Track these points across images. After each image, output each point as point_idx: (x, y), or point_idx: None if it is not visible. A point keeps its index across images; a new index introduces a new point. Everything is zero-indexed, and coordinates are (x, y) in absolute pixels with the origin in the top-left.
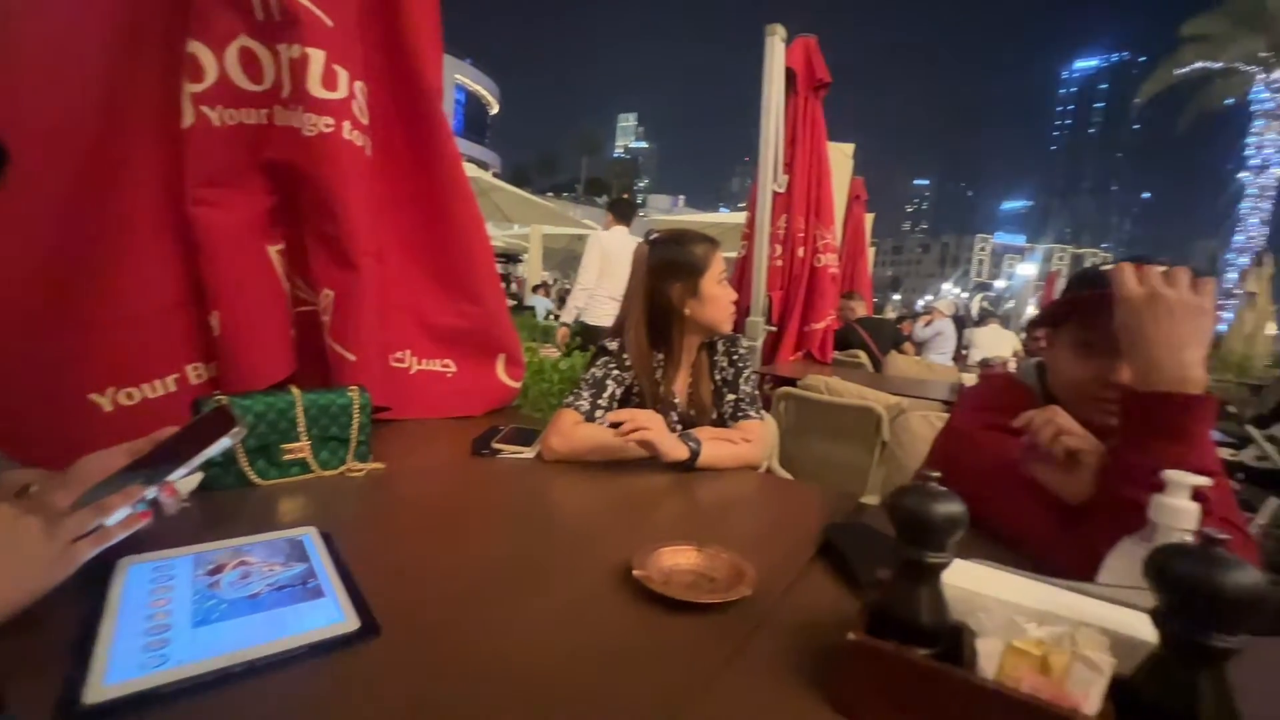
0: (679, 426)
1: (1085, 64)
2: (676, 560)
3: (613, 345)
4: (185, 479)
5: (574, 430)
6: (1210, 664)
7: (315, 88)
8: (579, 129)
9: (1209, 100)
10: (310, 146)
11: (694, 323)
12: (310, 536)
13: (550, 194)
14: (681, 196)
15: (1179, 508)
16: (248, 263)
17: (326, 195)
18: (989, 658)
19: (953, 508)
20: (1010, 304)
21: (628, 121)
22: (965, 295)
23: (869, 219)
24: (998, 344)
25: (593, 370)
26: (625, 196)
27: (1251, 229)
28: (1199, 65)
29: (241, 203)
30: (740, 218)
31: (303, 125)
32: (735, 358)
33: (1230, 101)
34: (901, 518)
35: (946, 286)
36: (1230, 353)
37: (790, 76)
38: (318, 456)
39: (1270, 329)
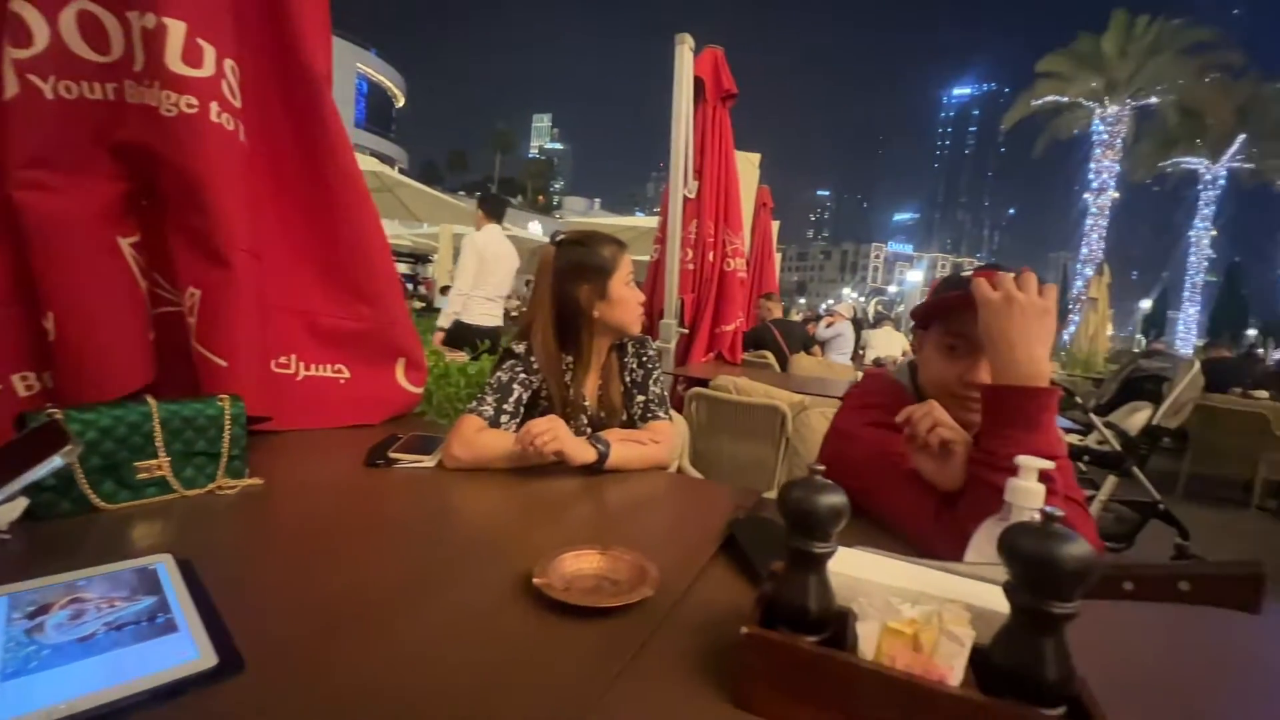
0: (589, 429)
1: (961, 92)
2: (580, 565)
3: (519, 348)
4: (3, 506)
5: (477, 437)
6: (1052, 629)
7: (175, 63)
8: (492, 127)
9: (1059, 129)
10: (170, 128)
11: (603, 324)
12: (165, 565)
13: (462, 193)
14: (597, 199)
15: (1028, 489)
16: (92, 257)
17: (191, 183)
18: (868, 639)
19: (835, 499)
20: (901, 307)
21: (543, 122)
22: (863, 299)
23: (775, 226)
24: (890, 344)
25: (498, 374)
26: (498, 195)
27: (1093, 243)
28: (1050, 99)
29: (82, 188)
30: (654, 222)
31: (160, 104)
32: (645, 359)
33: (1076, 131)
34: (789, 510)
35: (846, 291)
36: (1078, 350)
37: (699, 85)
38: (180, 474)
39: (1109, 330)
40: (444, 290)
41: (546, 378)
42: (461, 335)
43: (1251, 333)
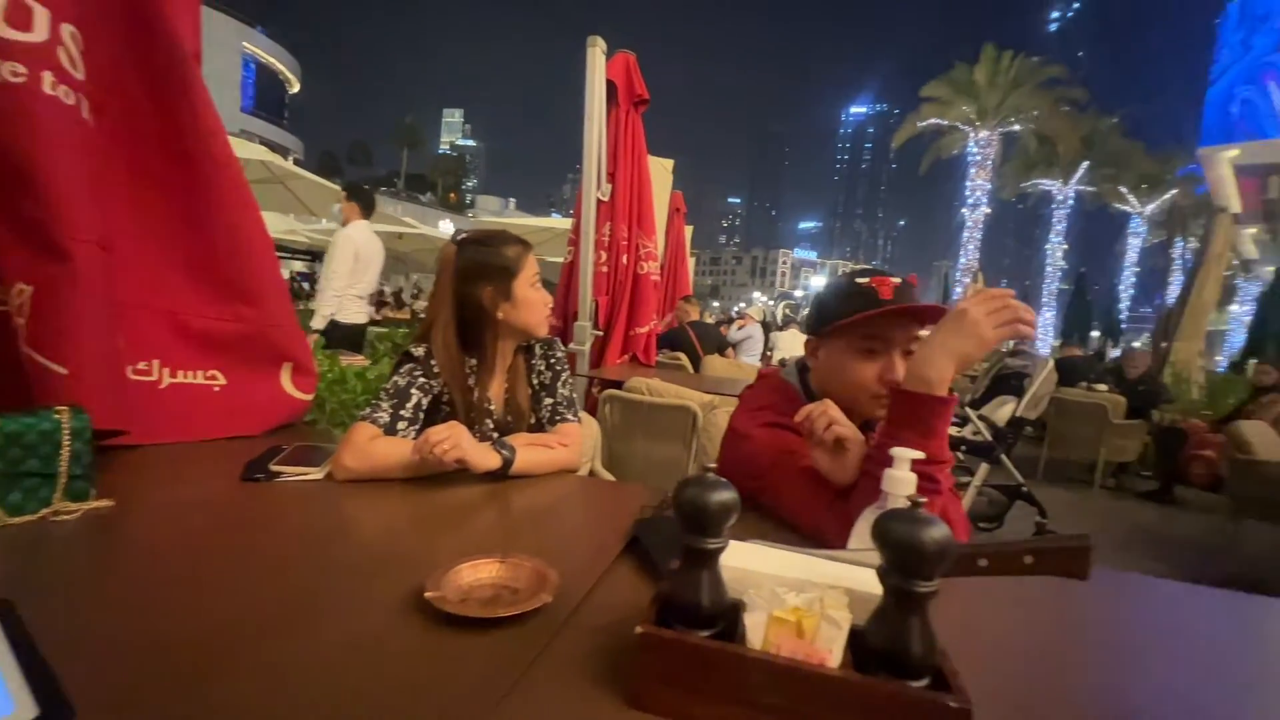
0: (494, 434)
1: (858, 110)
2: (477, 575)
3: (418, 351)
4: None
5: (371, 445)
6: (917, 607)
7: None
8: (399, 120)
9: (942, 149)
10: None
11: (508, 326)
12: None
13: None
14: (512, 199)
15: (902, 478)
16: None
17: (20, 163)
18: (755, 629)
19: (726, 495)
20: (807, 310)
21: (454, 117)
22: (772, 303)
23: (689, 231)
24: (795, 345)
25: (395, 379)
26: (365, 187)
27: (970, 253)
28: (933, 121)
29: None
30: (569, 223)
31: None
32: (553, 361)
33: (956, 152)
34: (681, 508)
35: (757, 295)
36: None
37: (612, 89)
38: (5, 499)
39: None
40: None
41: (448, 382)
42: (339, 336)
43: (1096, 334)
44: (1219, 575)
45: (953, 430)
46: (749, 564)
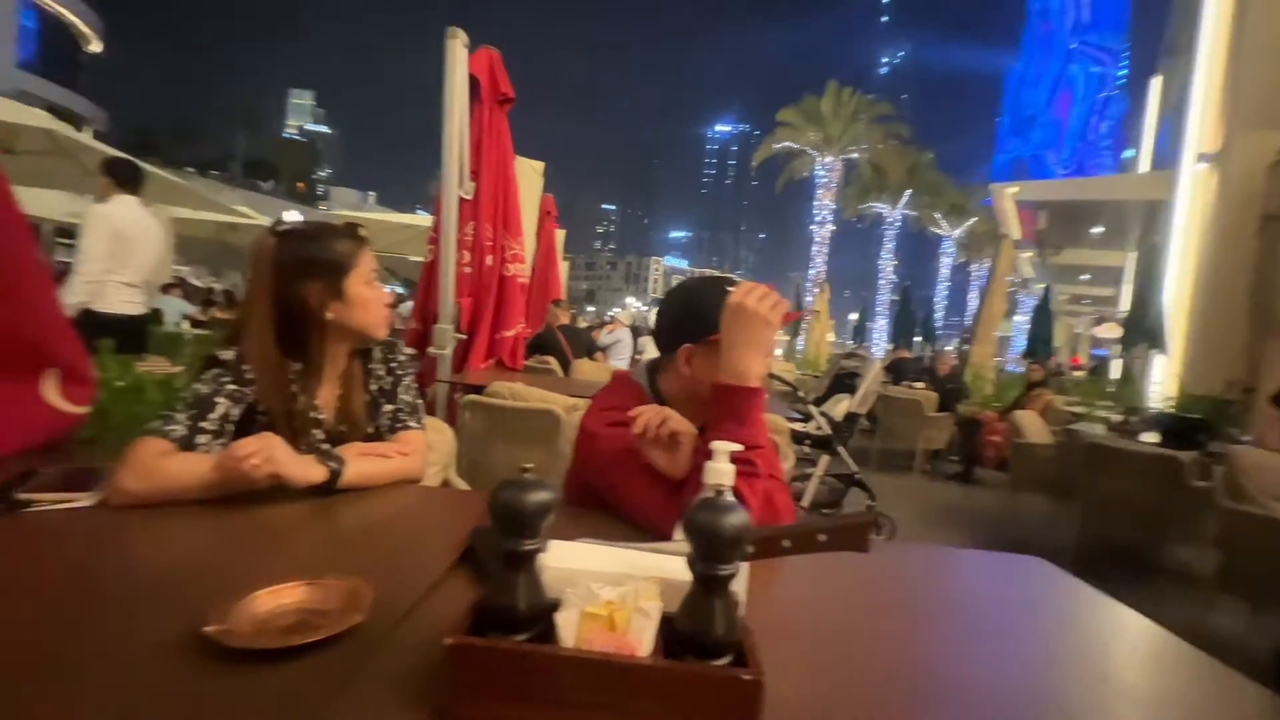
0: (326, 444)
1: (723, 129)
2: (279, 602)
3: (227, 355)
4: None
5: (159, 463)
6: (719, 589)
7: None
8: (237, 97)
9: (795, 170)
10: None
11: (339, 328)
12: None
13: (193, 170)
14: (372, 193)
15: (720, 469)
16: None
17: None
18: (567, 627)
19: (541, 496)
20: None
21: (303, 99)
22: (645, 308)
23: (561, 234)
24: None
25: (196, 386)
26: (129, 158)
27: (818, 266)
28: (787, 144)
29: None
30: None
31: None
32: (395, 365)
33: (807, 173)
34: (496, 511)
35: (631, 300)
36: (808, 353)
37: (475, 85)
38: None
39: (831, 337)
40: (166, 288)
41: (263, 390)
42: (93, 327)
43: (919, 339)
44: (1004, 540)
45: (798, 426)
46: (572, 563)
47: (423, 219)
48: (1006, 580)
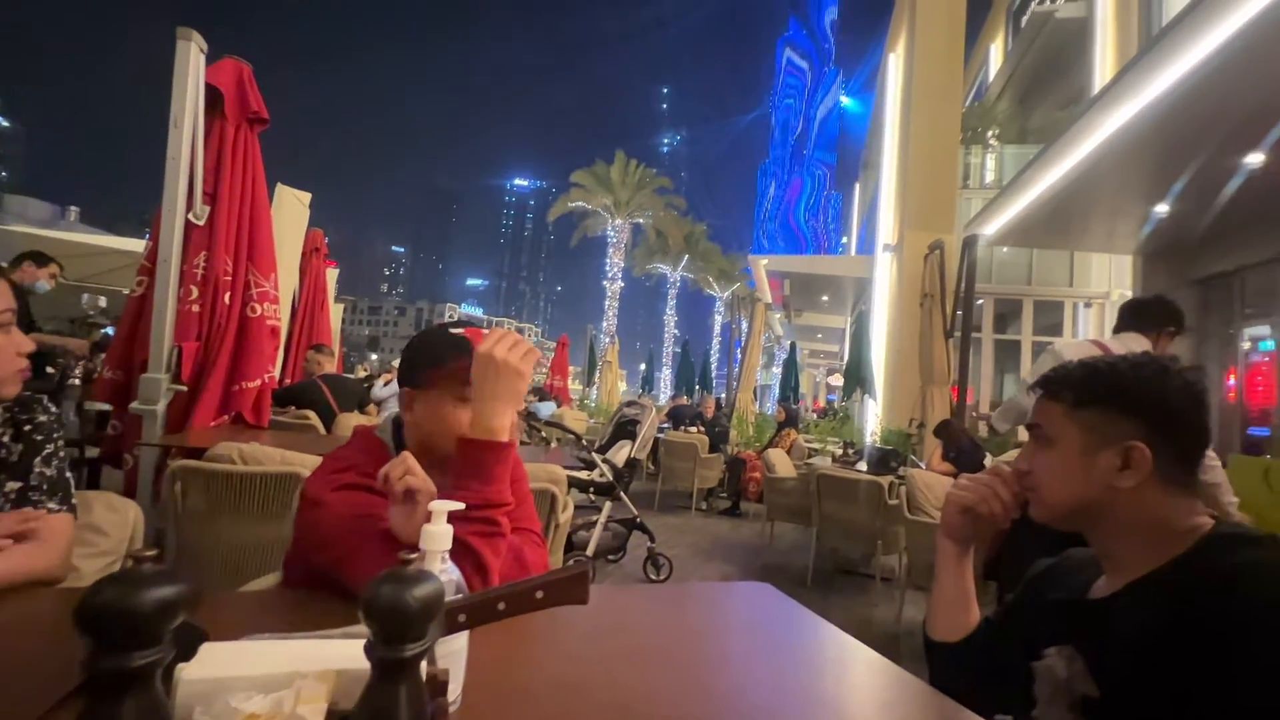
0: None
1: (521, 184)
2: None
3: None
4: None
5: None
6: (404, 674)
7: None
8: None
9: (588, 228)
10: None
11: None
12: None
13: None
14: (75, 208)
15: (438, 532)
16: None
17: None
18: None
19: (164, 593)
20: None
21: None
22: None
23: (333, 274)
24: None
25: None
26: None
27: (610, 319)
28: (580, 204)
29: None
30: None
31: None
32: (28, 429)
33: (600, 232)
34: (85, 618)
35: None
36: (601, 401)
37: (218, 97)
38: None
39: (622, 385)
40: None
41: None
42: None
43: (698, 387)
44: (763, 567)
45: (583, 474)
46: (219, 670)
47: (130, 243)
48: (733, 608)
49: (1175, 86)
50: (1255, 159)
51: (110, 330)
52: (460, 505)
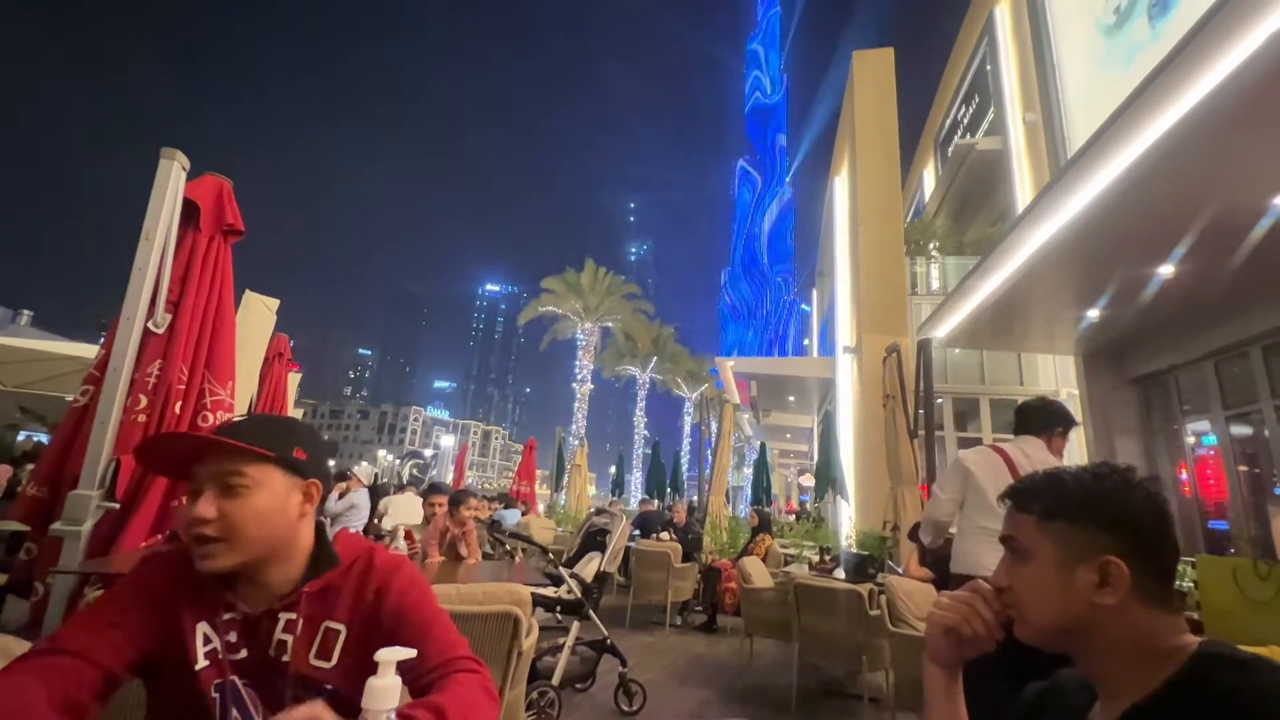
0: None
1: (493, 288)
2: None
3: None
4: None
5: None
6: None
7: None
8: None
9: (558, 332)
10: None
11: None
12: None
13: None
14: (28, 312)
15: (383, 687)
16: None
17: None
18: None
19: None
20: (434, 471)
21: None
22: (399, 461)
23: (295, 378)
24: (412, 511)
25: None
26: None
27: (579, 421)
28: (550, 308)
29: None
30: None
31: None
32: None
33: (570, 335)
34: None
35: (382, 452)
36: (569, 508)
37: (194, 209)
38: None
39: (591, 490)
40: None
41: None
42: None
43: (669, 490)
44: (742, 689)
45: (549, 591)
46: None
47: (82, 349)
48: None
49: (1087, 208)
50: (1166, 269)
51: (44, 437)
52: (411, 652)
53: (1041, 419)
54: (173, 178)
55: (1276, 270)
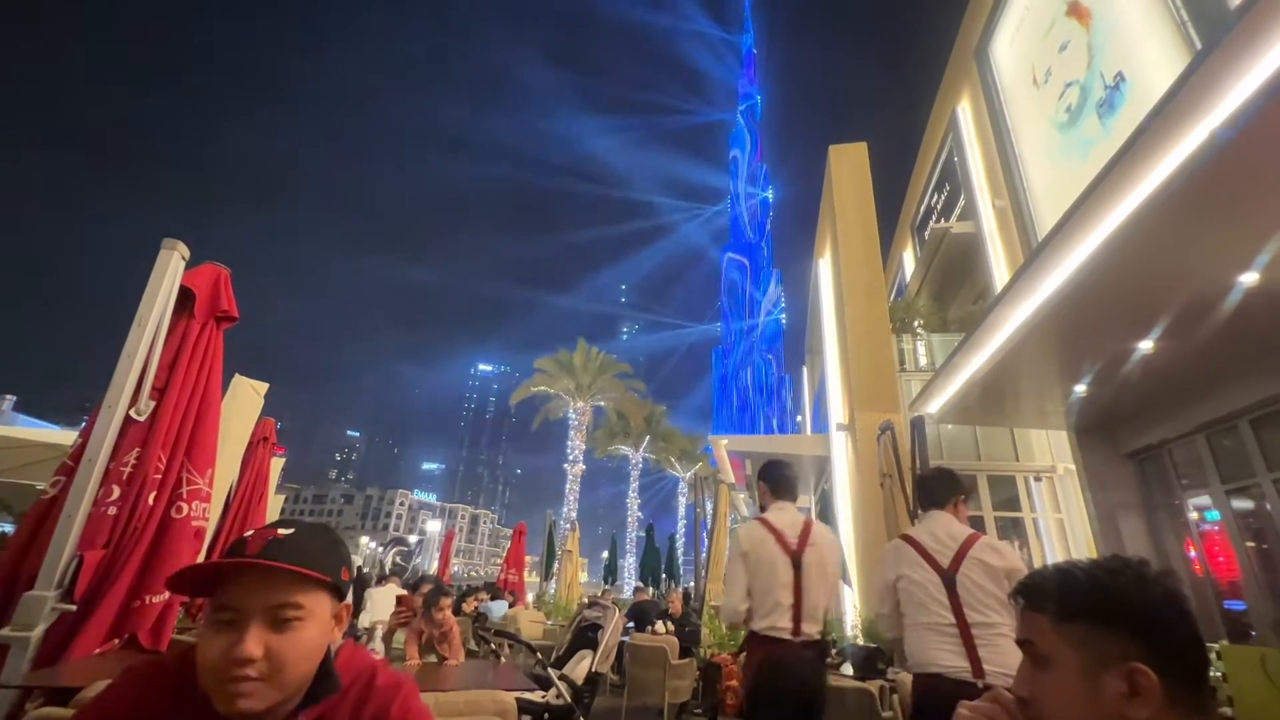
0: None
1: (485, 368)
2: None
3: None
4: None
5: None
6: None
7: None
8: None
9: (550, 411)
10: None
11: None
12: None
13: None
14: (11, 397)
15: None
16: None
17: None
18: None
19: None
20: (419, 559)
21: None
22: (382, 548)
23: (278, 463)
24: (391, 604)
25: None
26: None
27: (570, 503)
28: (542, 388)
29: None
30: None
31: None
32: None
33: (562, 415)
34: None
35: (365, 540)
36: (559, 597)
37: (189, 297)
38: None
39: (583, 576)
40: None
41: None
42: None
43: (665, 576)
44: None
45: (537, 696)
46: None
47: (61, 435)
48: None
49: (1061, 287)
50: (1146, 345)
51: (10, 527)
52: None
53: (947, 488)
54: (171, 266)
55: (1252, 344)
